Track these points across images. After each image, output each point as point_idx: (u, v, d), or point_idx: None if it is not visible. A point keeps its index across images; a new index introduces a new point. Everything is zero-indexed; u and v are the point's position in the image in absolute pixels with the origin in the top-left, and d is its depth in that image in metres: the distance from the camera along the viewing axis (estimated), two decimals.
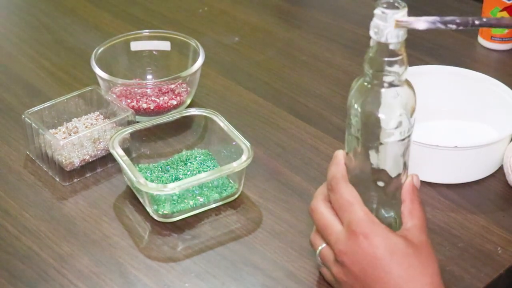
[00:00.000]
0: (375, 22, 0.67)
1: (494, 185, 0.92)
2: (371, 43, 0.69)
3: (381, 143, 0.71)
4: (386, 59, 0.68)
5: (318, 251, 0.75)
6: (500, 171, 0.93)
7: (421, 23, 0.67)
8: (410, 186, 0.73)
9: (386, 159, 0.72)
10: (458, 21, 0.67)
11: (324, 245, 0.74)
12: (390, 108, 0.70)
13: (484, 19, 0.68)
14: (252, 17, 1.29)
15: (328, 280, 0.77)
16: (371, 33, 0.68)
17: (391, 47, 0.68)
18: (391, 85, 0.69)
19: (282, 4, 1.34)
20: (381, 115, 0.69)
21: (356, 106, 0.70)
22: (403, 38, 0.68)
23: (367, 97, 0.70)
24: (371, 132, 0.71)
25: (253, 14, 1.30)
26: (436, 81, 1.02)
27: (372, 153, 0.71)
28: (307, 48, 1.20)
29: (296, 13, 1.33)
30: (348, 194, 0.71)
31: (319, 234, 0.75)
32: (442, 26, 0.67)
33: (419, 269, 0.68)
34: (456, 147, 0.89)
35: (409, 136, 0.72)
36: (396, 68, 0.68)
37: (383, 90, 0.69)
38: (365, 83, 0.70)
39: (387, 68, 0.68)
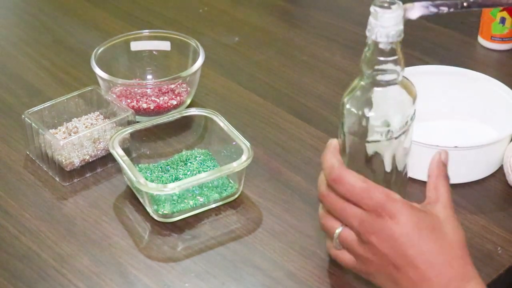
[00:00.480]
0: (369, 19, 0.68)
1: (494, 185, 0.92)
2: (367, 41, 0.69)
3: (371, 141, 0.71)
4: (379, 58, 0.68)
5: (336, 234, 0.74)
6: (500, 171, 0.93)
7: (415, 10, 0.67)
8: (437, 161, 0.74)
9: (381, 155, 0.72)
10: (448, 3, 0.70)
11: (341, 227, 0.73)
12: (382, 108, 0.70)
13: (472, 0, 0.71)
14: (252, 17, 1.29)
15: (345, 262, 0.75)
16: (366, 30, 0.68)
17: (381, 46, 0.68)
18: (386, 84, 0.69)
19: (282, 4, 1.34)
20: (371, 114, 0.70)
21: (348, 105, 0.71)
22: (395, 39, 0.68)
23: (360, 96, 0.70)
24: (362, 131, 0.71)
25: (253, 14, 1.30)
26: (436, 81, 1.02)
27: (363, 151, 0.72)
28: (307, 48, 1.20)
29: (296, 13, 1.33)
30: (358, 181, 0.71)
31: (333, 217, 0.74)
32: (435, 10, 0.70)
33: (448, 242, 0.69)
34: (456, 147, 0.89)
35: (402, 134, 0.72)
36: (390, 67, 0.68)
37: (376, 89, 0.70)
38: (362, 82, 0.71)
39: (381, 67, 0.69)
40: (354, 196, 0.71)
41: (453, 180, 0.91)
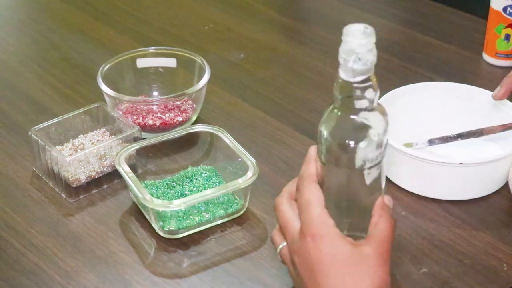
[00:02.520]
0: (343, 46, 0.66)
1: (499, 202, 0.92)
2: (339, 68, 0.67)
3: (349, 168, 0.69)
4: (354, 85, 0.67)
5: (278, 250, 0.74)
6: (505, 187, 0.93)
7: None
8: (380, 201, 0.71)
9: (356, 184, 0.71)
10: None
11: (284, 243, 0.73)
12: (358, 136, 0.68)
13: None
14: (257, 34, 1.30)
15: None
16: (339, 57, 0.67)
17: (354, 72, 0.66)
18: (360, 111, 0.67)
19: (287, 21, 1.35)
20: (349, 142, 0.68)
21: (325, 133, 0.69)
22: (366, 66, 0.66)
23: (335, 124, 0.68)
24: (340, 159, 0.69)
25: (258, 31, 1.31)
26: (440, 97, 1.02)
27: (341, 178, 0.70)
28: (312, 64, 1.21)
29: (301, 30, 1.34)
30: (308, 193, 0.70)
31: (281, 232, 0.74)
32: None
33: (357, 279, 0.66)
34: (461, 163, 0.89)
35: (378, 163, 0.69)
36: (365, 94, 0.67)
37: (350, 117, 0.68)
38: (335, 110, 0.69)
39: (355, 94, 0.67)
40: (299, 206, 0.70)
41: (459, 197, 0.92)
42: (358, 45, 0.65)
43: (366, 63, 0.66)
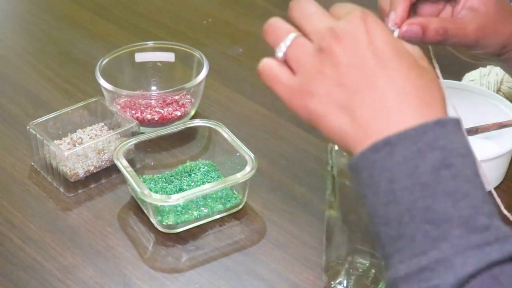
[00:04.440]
0: None
1: (498, 197, 0.92)
2: None
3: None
4: None
5: (289, 38, 0.61)
6: (504, 183, 0.93)
7: None
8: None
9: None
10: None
11: (296, 34, 0.60)
12: None
13: None
14: (256, 28, 1.29)
15: (277, 74, 0.62)
16: None
17: None
18: None
19: (286, 15, 1.35)
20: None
21: (336, 147, 0.67)
22: None
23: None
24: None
25: (257, 25, 1.30)
26: None
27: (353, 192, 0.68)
28: None
29: None
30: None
31: (287, 25, 0.62)
32: None
33: (425, 77, 0.58)
34: None
35: None
36: None
37: None
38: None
39: None
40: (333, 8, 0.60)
41: None
42: None
43: None
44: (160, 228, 0.87)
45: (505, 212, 0.73)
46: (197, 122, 0.96)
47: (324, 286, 0.80)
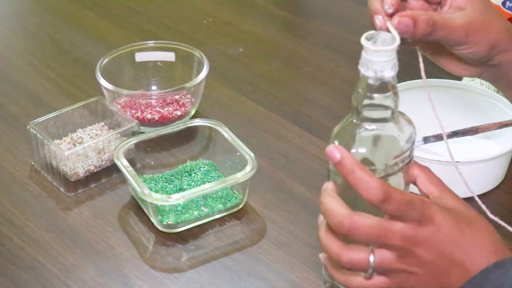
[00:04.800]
0: (362, 53, 0.65)
1: (499, 196, 0.92)
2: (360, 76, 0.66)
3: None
4: (369, 94, 0.65)
5: (372, 262, 0.65)
6: (505, 182, 0.93)
7: None
8: (417, 164, 0.71)
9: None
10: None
11: (372, 254, 0.65)
12: (365, 145, 0.67)
13: None
14: (256, 28, 1.29)
15: (375, 286, 0.67)
16: (359, 65, 0.65)
17: (370, 81, 0.65)
18: (377, 121, 0.66)
19: (286, 15, 1.35)
20: (352, 151, 0.66)
21: (336, 142, 0.67)
22: (385, 75, 0.64)
23: (347, 132, 0.67)
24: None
25: (257, 25, 1.30)
26: (438, 94, 1.02)
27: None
28: (311, 58, 1.21)
29: (300, 24, 1.34)
30: (400, 195, 0.64)
31: (357, 248, 0.66)
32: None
33: (482, 230, 0.68)
34: (457, 162, 0.88)
35: (387, 175, 0.68)
36: (381, 102, 0.65)
37: (365, 126, 0.66)
38: (354, 120, 0.67)
39: (371, 102, 0.65)
40: (403, 208, 0.64)
41: (458, 195, 0.91)
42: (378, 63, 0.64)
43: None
44: (160, 228, 0.87)
45: (492, 216, 0.73)
46: (197, 122, 0.96)
47: (324, 285, 0.80)
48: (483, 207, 0.75)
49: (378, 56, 0.64)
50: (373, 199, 0.63)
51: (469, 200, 0.90)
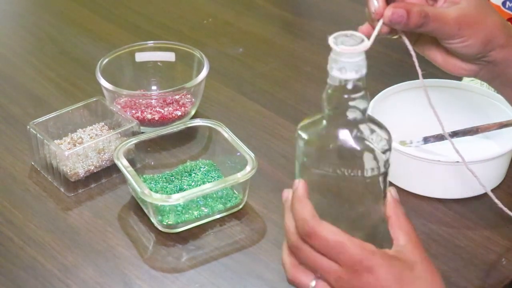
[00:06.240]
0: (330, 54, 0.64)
1: (498, 196, 0.92)
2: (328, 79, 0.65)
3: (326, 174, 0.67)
4: (343, 95, 0.64)
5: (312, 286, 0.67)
6: (504, 182, 0.93)
7: None
8: (393, 201, 0.68)
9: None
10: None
11: (315, 281, 0.67)
12: (347, 148, 0.65)
13: None
14: (256, 28, 1.29)
15: None
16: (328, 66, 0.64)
17: (329, 81, 0.64)
18: (350, 122, 0.65)
19: (286, 15, 1.35)
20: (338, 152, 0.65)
21: (302, 143, 0.67)
22: (353, 76, 0.64)
23: (323, 136, 0.66)
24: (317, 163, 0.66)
25: (257, 25, 1.30)
26: (438, 94, 1.02)
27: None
28: (311, 58, 1.21)
29: (300, 24, 1.34)
30: (332, 234, 0.64)
31: (304, 269, 0.68)
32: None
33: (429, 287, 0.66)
34: (457, 162, 0.88)
35: (378, 174, 0.66)
36: (354, 104, 0.64)
37: (337, 128, 0.65)
38: (323, 121, 0.66)
39: (344, 104, 0.64)
40: (329, 250, 0.65)
41: (455, 196, 0.91)
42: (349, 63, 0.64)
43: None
44: (160, 228, 0.87)
45: (506, 210, 0.73)
46: (198, 122, 0.96)
47: None
48: (496, 200, 0.75)
49: (343, 56, 0.65)
50: (299, 231, 0.65)
51: (478, 197, 0.91)
